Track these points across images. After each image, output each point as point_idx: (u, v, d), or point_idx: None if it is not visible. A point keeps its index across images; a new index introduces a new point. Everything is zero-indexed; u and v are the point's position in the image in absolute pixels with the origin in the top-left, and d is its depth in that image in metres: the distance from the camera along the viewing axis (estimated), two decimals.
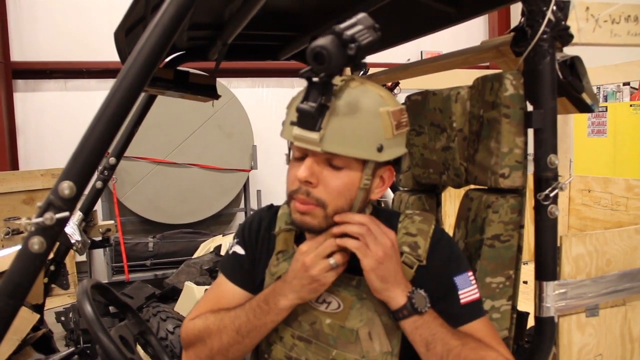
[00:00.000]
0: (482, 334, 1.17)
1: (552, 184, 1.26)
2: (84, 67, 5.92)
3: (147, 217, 5.68)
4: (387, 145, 1.09)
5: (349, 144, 1.06)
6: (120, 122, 1.07)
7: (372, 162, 1.10)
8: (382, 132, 1.08)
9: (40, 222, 1.03)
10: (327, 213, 1.12)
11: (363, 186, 1.12)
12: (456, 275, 1.19)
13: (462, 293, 1.18)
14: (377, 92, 1.09)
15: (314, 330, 1.20)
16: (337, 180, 1.11)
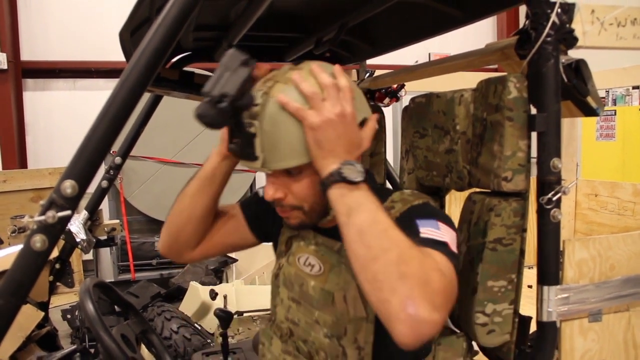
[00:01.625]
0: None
1: (555, 188, 1.25)
2: (92, 67, 5.96)
3: (154, 216, 5.70)
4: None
5: (286, 157, 1.12)
6: (122, 121, 1.07)
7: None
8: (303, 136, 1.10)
9: (42, 220, 1.04)
10: (305, 211, 1.23)
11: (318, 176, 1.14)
12: (420, 219, 1.12)
13: (422, 230, 1.09)
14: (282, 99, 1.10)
15: (302, 292, 1.31)
16: (300, 186, 1.19)
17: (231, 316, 1.80)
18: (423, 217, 1.14)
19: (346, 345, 1.24)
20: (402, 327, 0.90)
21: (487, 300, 1.31)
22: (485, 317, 1.32)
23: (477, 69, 2.06)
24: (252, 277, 4.45)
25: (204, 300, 3.70)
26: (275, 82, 1.15)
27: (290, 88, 1.12)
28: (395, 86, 2.20)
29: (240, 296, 3.73)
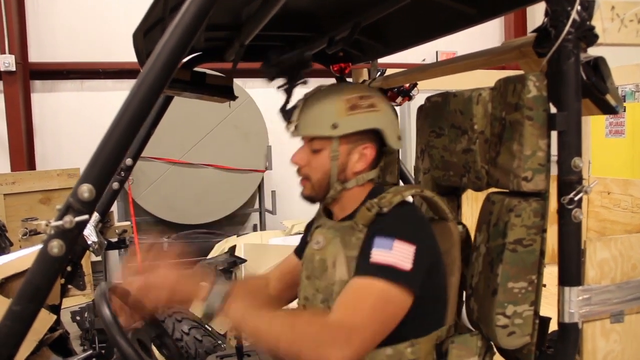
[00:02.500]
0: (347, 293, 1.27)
1: (576, 188, 1.23)
2: (100, 68, 5.97)
3: (162, 217, 5.71)
4: (342, 122, 1.41)
5: (310, 127, 1.45)
6: (139, 124, 1.06)
7: (336, 138, 1.42)
8: (335, 114, 1.41)
9: (59, 225, 1.03)
10: (312, 184, 1.49)
11: (333, 157, 1.44)
12: (378, 237, 1.29)
13: (373, 253, 1.28)
14: (340, 88, 1.48)
15: (312, 267, 1.48)
16: (315, 160, 1.47)
17: None
18: (382, 234, 1.30)
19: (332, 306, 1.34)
20: None
21: (508, 302, 1.29)
22: (505, 318, 1.30)
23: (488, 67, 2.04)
24: None
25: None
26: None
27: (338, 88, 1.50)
28: (407, 85, 2.18)
29: None
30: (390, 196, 1.39)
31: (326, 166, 1.46)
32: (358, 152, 1.46)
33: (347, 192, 1.48)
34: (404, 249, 1.27)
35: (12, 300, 1.06)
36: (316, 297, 1.46)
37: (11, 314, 1.05)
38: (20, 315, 1.05)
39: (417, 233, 1.34)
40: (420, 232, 1.36)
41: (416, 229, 1.35)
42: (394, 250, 1.26)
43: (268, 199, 6.22)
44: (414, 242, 1.29)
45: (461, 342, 1.38)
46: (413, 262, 1.26)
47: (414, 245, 1.28)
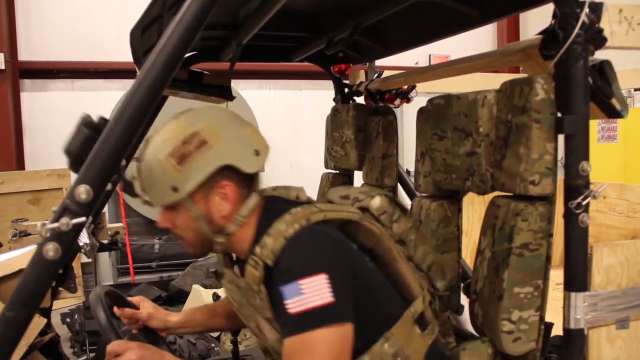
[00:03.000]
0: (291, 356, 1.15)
1: (583, 192, 1.22)
2: (91, 67, 5.90)
3: (153, 218, 5.61)
4: (180, 181, 1.23)
5: (155, 198, 1.28)
6: (139, 124, 1.03)
7: (184, 198, 1.25)
8: (169, 176, 1.23)
9: (55, 227, 0.99)
10: (191, 244, 1.34)
11: (196, 217, 1.28)
12: (282, 285, 1.16)
13: (288, 304, 1.14)
14: (160, 139, 1.26)
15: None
16: (179, 219, 1.30)
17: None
18: (284, 281, 1.16)
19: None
20: None
21: (513, 307, 1.27)
22: (511, 324, 1.28)
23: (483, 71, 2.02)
24: None
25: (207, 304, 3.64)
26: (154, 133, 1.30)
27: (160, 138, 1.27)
28: (406, 87, 2.16)
29: None
30: (272, 242, 1.20)
31: (191, 225, 1.29)
32: (216, 195, 1.27)
33: (233, 236, 1.32)
34: (314, 284, 1.14)
35: (5, 306, 1.02)
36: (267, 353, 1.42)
37: (4, 320, 1.01)
38: (14, 321, 1.01)
39: (320, 259, 1.19)
40: (323, 255, 1.20)
41: (317, 256, 1.19)
42: (305, 292, 1.13)
43: None
44: (320, 270, 1.16)
45: (472, 348, 1.36)
46: (332, 291, 1.14)
47: (323, 274, 1.15)
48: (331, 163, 2.42)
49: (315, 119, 6.96)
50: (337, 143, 2.28)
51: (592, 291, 1.29)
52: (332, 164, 2.42)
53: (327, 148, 2.47)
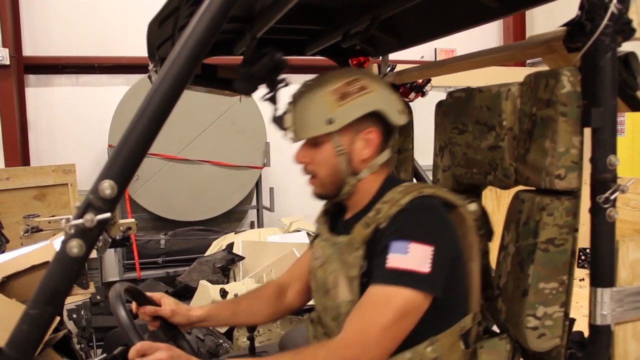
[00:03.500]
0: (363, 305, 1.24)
1: (611, 186, 1.20)
2: (95, 63, 5.87)
3: (159, 214, 5.64)
4: (337, 115, 1.35)
5: (306, 129, 1.40)
6: (164, 117, 1.01)
7: (336, 132, 1.37)
8: (327, 108, 1.36)
9: (79, 224, 0.98)
10: (321, 181, 1.44)
11: (338, 153, 1.39)
12: (394, 240, 1.24)
13: (389, 258, 1.23)
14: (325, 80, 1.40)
15: (316, 282, 1.48)
16: (318, 155, 1.42)
17: None
18: (397, 237, 1.25)
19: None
20: None
21: (538, 303, 1.26)
22: (536, 320, 1.27)
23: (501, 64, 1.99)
24: (260, 275, 4.39)
25: (214, 300, 3.63)
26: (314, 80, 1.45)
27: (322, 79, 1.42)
28: (421, 81, 2.14)
29: None
30: (387, 208, 1.31)
31: (332, 161, 1.40)
32: (362, 139, 1.40)
33: (362, 183, 1.43)
34: (421, 250, 1.22)
35: (28, 304, 1.01)
36: (326, 313, 1.44)
37: (28, 318, 1.00)
38: (38, 319, 1.00)
39: (434, 231, 1.28)
40: (437, 228, 1.30)
41: (432, 227, 1.29)
42: (410, 254, 1.22)
43: (266, 196, 6.16)
44: (430, 242, 1.24)
45: (490, 346, 1.34)
46: (432, 264, 1.22)
47: (431, 246, 1.23)
48: None
49: None
50: None
51: (618, 287, 1.27)
52: None
53: None
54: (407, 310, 1.22)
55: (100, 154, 5.74)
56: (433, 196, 1.35)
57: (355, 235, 1.34)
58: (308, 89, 1.42)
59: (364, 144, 1.40)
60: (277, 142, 6.16)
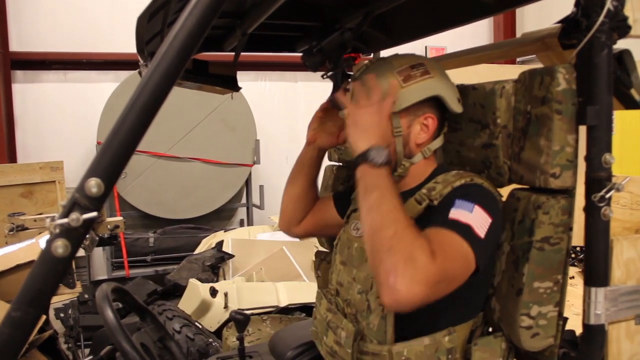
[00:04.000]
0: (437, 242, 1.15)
1: (606, 185, 1.19)
2: (84, 58, 5.80)
3: (148, 211, 5.59)
4: (399, 97, 1.34)
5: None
6: (153, 113, 0.98)
7: (396, 113, 1.35)
8: (390, 89, 1.33)
9: (65, 223, 0.94)
10: None
11: (396, 134, 1.37)
12: (460, 199, 1.23)
13: (453, 211, 1.21)
14: (389, 62, 1.40)
15: (349, 253, 1.46)
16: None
17: (248, 319, 1.72)
18: (464, 197, 1.24)
19: (371, 299, 1.33)
20: (384, 293, 1.07)
21: (533, 302, 1.25)
22: (530, 319, 1.26)
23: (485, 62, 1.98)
24: (250, 273, 4.36)
25: (204, 298, 3.61)
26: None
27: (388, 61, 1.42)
28: None
29: (241, 294, 3.64)
30: (441, 187, 1.31)
31: (389, 141, 1.36)
32: (419, 123, 1.38)
33: (414, 167, 1.41)
34: (483, 216, 1.21)
35: (11, 306, 0.98)
36: (353, 286, 1.41)
37: (10, 321, 0.97)
38: (21, 321, 0.97)
39: (495, 208, 1.27)
40: (497, 208, 1.29)
41: (494, 204, 1.28)
42: (474, 213, 1.20)
43: (256, 194, 6.14)
44: (491, 214, 1.23)
45: (485, 344, 1.32)
46: (487, 233, 1.20)
47: (491, 218, 1.22)
48: (335, 155, 2.37)
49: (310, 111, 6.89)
50: None
51: (613, 286, 1.26)
52: (336, 156, 2.37)
53: None
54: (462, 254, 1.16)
55: (89, 151, 5.68)
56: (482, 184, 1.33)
57: (408, 209, 1.30)
58: (371, 69, 1.41)
59: (421, 128, 1.39)
60: (267, 140, 6.15)
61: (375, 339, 1.31)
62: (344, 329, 1.39)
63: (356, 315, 1.38)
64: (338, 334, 1.41)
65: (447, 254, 1.13)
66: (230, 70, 2.06)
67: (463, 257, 1.16)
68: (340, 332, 1.40)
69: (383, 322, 1.30)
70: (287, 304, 3.64)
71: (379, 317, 1.31)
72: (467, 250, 1.16)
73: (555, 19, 1.29)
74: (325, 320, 1.49)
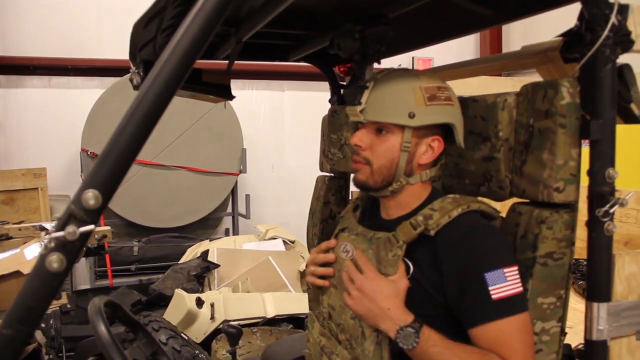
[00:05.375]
0: (504, 338, 1.17)
1: (609, 199, 1.18)
2: (69, 64, 5.72)
3: (133, 220, 5.51)
4: (420, 113, 1.30)
5: (384, 112, 1.32)
6: (153, 123, 0.95)
7: (410, 127, 1.31)
8: (414, 102, 1.30)
9: (60, 237, 0.91)
10: (372, 170, 1.36)
11: (404, 148, 1.33)
12: (486, 272, 1.19)
13: (492, 290, 1.18)
14: (416, 75, 1.35)
15: (339, 276, 1.42)
16: (381, 145, 1.35)
17: (241, 332, 1.68)
18: (489, 267, 1.19)
19: (365, 325, 1.30)
20: None
21: (536, 319, 1.23)
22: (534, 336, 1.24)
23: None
24: (236, 283, 4.32)
25: (190, 309, 3.56)
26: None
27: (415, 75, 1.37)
28: None
29: (228, 304, 3.60)
30: (438, 216, 1.27)
31: (393, 154, 1.34)
32: (426, 144, 1.35)
33: (409, 187, 1.38)
34: (513, 273, 1.20)
35: (2, 323, 0.93)
36: (345, 310, 1.37)
37: (1, 339, 0.92)
38: (11, 339, 0.92)
39: (509, 248, 1.26)
40: (509, 245, 1.27)
41: (507, 245, 1.26)
42: (507, 278, 1.19)
43: (242, 203, 6.09)
44: (514, 261, 1.22)
45: None
46: (520, 281, 1.20)
47: (515, 265, 1.21)
48: (327, 166, 2.35)
49: (297, 120, 6.92)
50: (335, 145, 2.21)
51: (615, 302, 1.25)
52: (328, 166, 2.34)
53: (322, 150, 2.40)
54: (527, 330, 1.20)
55: (73, 158, 5.59)
56: (479, 210, 1.32)
57: (399, 233, 1.30)
58: (396, 75, 1.35)
59: (426, 150, 1.36)
60: (253, 149, 6.11)
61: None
62: (339, 355, 1.37)
63: (350, 341, 1.35)
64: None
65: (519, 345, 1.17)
66: (224, 79, 2.03)
67: (528, 329, 1.20)
68: (336, 358, 1.38)
69: (379, 348, 1.28)
70: (275, 314, 3.61)
71: (374, 343, 1.28)
72: (525, 318, 1.19)
73: (541, 34, 1.29)
74: (319, 345, 1.47)
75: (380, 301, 1.24)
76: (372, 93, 1.33)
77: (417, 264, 1.29)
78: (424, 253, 1.28)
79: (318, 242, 2.24)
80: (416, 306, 1.25)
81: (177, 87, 0.95)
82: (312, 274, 1.50)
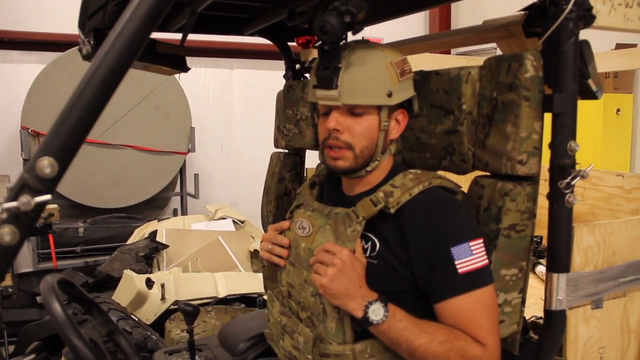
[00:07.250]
0: (469, 314, 1.19)
1: (570, 172, 1.20)
2: (5, 37, 5.41)
3: (77, 200, 5.32)
4: (396, 90, 1.29)
5: (363, 94, 1.27)
6: (113, 88, 0.90)
7: (386, 106, 1.29)
8: (389, 81, 1.28)
9: (12, 207, 0.84)
10: (355, 154, 1.31)
11: (383, 127, 1.31)
12: (452, 246, 1.19)
13: (458, 264, 1.19)
14: (380, 49, 1.31)
15: (296, 254, 1.39)
16: (359, 126, 1.30)
17: (198, 311, 1.64)
18: (454, 242, 1.20)
19: (325, 302, 1.27)
20: None
21: (499, 290, 1.25)
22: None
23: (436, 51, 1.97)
24: (185, 264, 4.25)
25: (139, 290, 3.47)
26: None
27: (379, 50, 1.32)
28: None
29: (179, 285, 3.53)
30: (399, 193, 1.26)
31: (373, 134, 1.31)
32: (394, 119, 1.35)
33: (381, 163, 1.36)
34: (478, 245, 1.20)
35: None
36: (305, 288, 1.35)
37: None
38: None
39: (474, 221, 1.27)
40: (474, 218, 1.28)
41: (472, 219, 1.27)
42: (473, 252, 1.20)
43: (190, 183, 5.97)
44: (480, 234, 1.23)
45: None
46: (486, 254, 1.21)
47: (481, 237, 1.22)
48: (282, 142, 2.31)
49: (246, 98, 6.81)
50: (291, 121, 2.17)
51: (573, 272, 1.28)
52: (283, 143, 2.31)
53: (277, 126, 2.35)
54: (493, 302, 1.22)
55: (12, 137, 5.31)
56: (440, 186, 1.30)
57: (359, 209, 1.28)
58: (363, 52, 1.27)
59: (395, 124, 1.36)
60: (202, 128, 5.98)
61: (334, 341, 1.27)
62: (300, 334, 1.35)
63: (312, 318, 1.33)
64: (295, 339, 1.36)
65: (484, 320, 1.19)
66: (179, 50, 1.95)
67: (493, 302, 1.21)
68: (298, 337, 1.36)
69: (341, 324, 1.26)
70: (226, 294, 3.56)
71: (335, 319, 1.26)
72: (490, 291, 1.21)
73: (488, 14, 1.29)
74: (280, 324, 1.44)
75: (355, 279, 1.22)
76: (345, 74, 1.25)
77: (382, 240, 1.28)
78: (389, 229, 1.27)
79: (273, 220, 2.21)
80: (382, 282, 1.25)
81: (138, 52, 0.90)
82: (268, 252, 1.46)
